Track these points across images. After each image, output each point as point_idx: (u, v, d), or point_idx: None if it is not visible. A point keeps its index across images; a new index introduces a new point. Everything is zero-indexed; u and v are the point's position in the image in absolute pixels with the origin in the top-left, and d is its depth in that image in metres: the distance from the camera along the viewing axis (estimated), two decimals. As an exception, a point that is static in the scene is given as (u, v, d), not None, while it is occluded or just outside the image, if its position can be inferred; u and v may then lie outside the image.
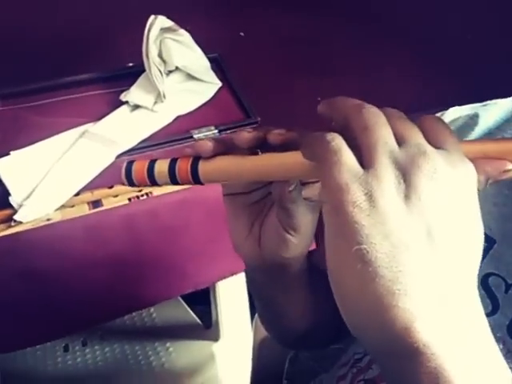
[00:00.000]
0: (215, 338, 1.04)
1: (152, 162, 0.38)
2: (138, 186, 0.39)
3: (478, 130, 0.53)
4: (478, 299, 0.29)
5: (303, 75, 1.26)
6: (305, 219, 0.42)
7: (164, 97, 0.97)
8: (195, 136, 0.98)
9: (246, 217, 0.44)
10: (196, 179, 0.37)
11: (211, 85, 1.05)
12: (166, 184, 0.38)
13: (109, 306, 0.79)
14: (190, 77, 1.03)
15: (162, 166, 0.38)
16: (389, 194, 0.28)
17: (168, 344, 1.05)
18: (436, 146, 0.30)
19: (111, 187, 0.89)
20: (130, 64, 1.02)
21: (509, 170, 0.31)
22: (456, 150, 0.31)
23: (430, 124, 0.31)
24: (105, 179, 0.87)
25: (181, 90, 1.01)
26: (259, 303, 0.55)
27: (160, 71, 0.97)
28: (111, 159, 0.89)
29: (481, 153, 0.32)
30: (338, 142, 0.30)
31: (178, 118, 0.98)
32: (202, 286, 0.87)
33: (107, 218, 0.76)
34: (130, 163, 0.39)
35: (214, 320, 1.05)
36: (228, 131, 1.00)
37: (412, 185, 0.28)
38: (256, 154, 0.37)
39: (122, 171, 0.38)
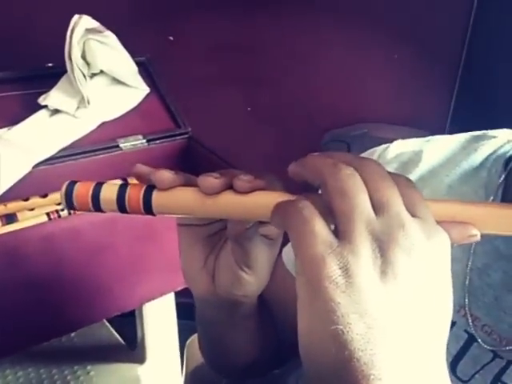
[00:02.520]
0: (140, 360, 1.00)
1: (98, 186, 0.36)
2: (79, 211, 0.36)
3: (422, 167, 0.54)
4: (447, 371, 0.29)
5: (237, 83, 1.25)
6: (261, 257, 0.40)
7: (88, 102, 0.92)
8: (121, 145, 0.95)
9: (200, 249, 0.42)
10: (148, 210, 0.35)
11: (138, 90, 1.01)
12: (112, 211, 0.36)
13: (25, 334, 0.73)
14: (116, 81, 0.98)
15: (109, 192, 0.35)
16: (365, 269, 0.27)
17: (89, 367, 1.00)
18: (411, 212, 0.30)
19: (27, 199, 0.84)
20: (50, 64, 0.97)
21: (473, 235, 0.31)
22: (429, 217, 0.30)
23: (405, 187, 0.30)
24: (20, 191, 0.82)
25: (106, 94, 0.97)
26: (203, 336, 0.54)
27: (83, 74, 0.92)
28: (27, 169, 0.83)
29: (447, 216, 0.31)
30: (309, 210, 0.29)
31: (102, 124, 0.94)
32: (129, 308, 0.83)
33: (24, 237, 0.70)
34: (72, 184, 0.36)
35: (139, 341, 1.01)
36: (157, 141, 0.97)
37: (389, 260, 0.28)
38: None
39: (61, 191, 0.36)
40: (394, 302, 0.27)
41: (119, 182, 0.37)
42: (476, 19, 1.19)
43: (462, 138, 0.55)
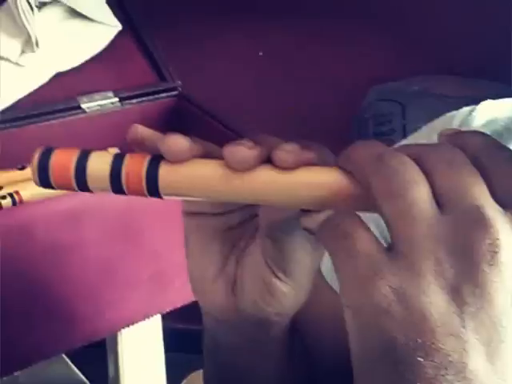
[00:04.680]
0: (112, 407, 1.00)
1: (84, 155, 0.36)
2: (56, 189, 0.37)
3: None
4: None
5: (244, 18, 1.24)
6: (302, 259, 0.41)
7: (36, 44, 0.92)
8: (84, 105, 0.95)
9: (216, 248, 0.43)
10: (153, 191, 0.36)
11: (107, 28, 1.01)
12: (103, 191, 0.36)
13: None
14: (75, 14, 0.98)
15: (100, 164, 0.35)
16: (428, 289, 0.28)
17: (40, 417, 1.01)
18: (506, 202, 0.29)
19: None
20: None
21: None
22: None
23: (501, 165, 0.30)
24: None
25: (61, 33, 0.97)
26: (213, 369, 0.55)
27: (29, 4, 0.92)
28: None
29: None
30: (349, 222, 0.30)
31: (57, 76, 0.94)
32: (98, 336, 0.83)
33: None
34: (48, 152, 0.36)
35: (111, 382, 1.00)
36: (134, 100, 0.98)
37: (464, 274, 0.28)
38: None
39: (33, 162, 0.36)
40: (473, 333, 0.28)
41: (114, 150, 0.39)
42: None
43: None
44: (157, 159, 0.35)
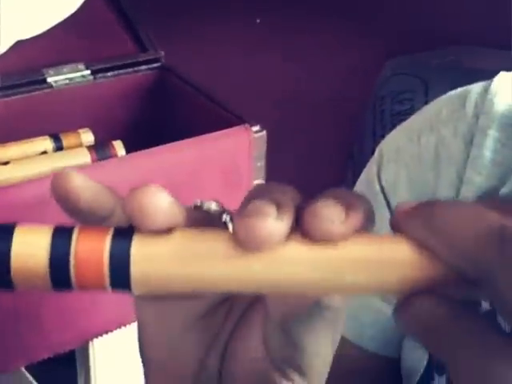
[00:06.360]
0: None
1: (4, 232, 0.28)
2: None
3: None
4: None
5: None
6: (322, 348, 0.35)
7: None
8: (50, 79, 0.95)
9: (194, 342, 0.36)
10: (121, 283, 0.28)
11: None
12: (34, 289, 0.29)
13: None
14: None
15: (31, 248, 0.28)
16: None
17: None
18: None
19: None
20: None
21: None
22: None
23: None
24: None
25: None
26: None
27: None
28: None
29: None
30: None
31: (18, 45, 0.93)
32: (67, 347, 0.82)
33: None
34: None
35: None
36: (109, 73, 0.97)
37: None
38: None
39: None
40: None
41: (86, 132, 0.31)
42: None
43: None
44: (124, 233, 0.28)
